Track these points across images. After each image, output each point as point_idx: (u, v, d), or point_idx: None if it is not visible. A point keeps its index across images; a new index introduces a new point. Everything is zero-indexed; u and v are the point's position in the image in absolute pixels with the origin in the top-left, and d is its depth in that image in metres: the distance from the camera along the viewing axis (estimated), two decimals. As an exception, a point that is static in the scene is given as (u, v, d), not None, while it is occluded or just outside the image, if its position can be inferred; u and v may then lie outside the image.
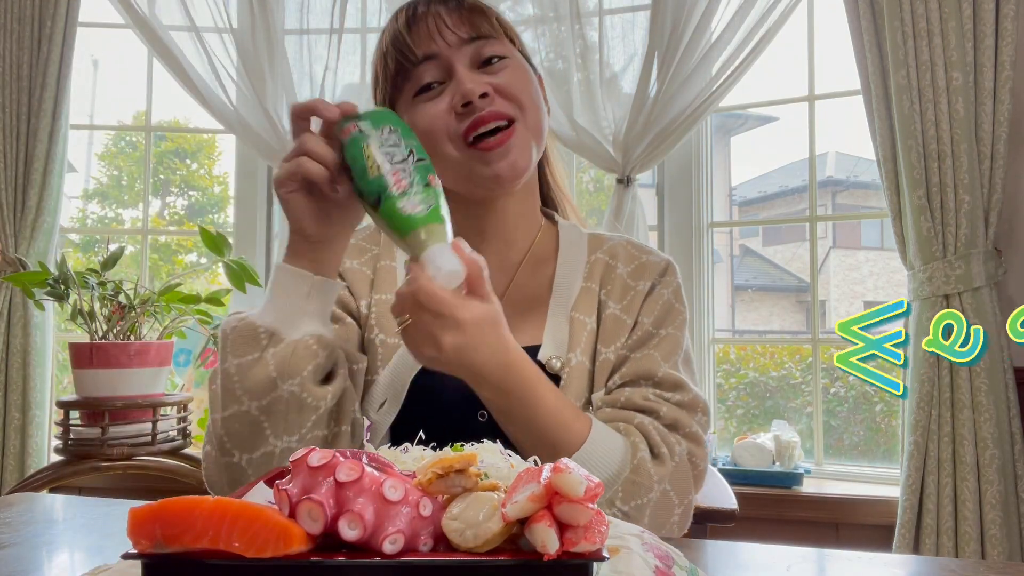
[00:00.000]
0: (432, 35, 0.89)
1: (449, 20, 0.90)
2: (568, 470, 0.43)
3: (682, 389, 0.91)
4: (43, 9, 2.39)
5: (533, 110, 0.91)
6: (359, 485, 0.44)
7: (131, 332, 1.87)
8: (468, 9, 0.91)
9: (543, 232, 1.02)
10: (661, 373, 0.91)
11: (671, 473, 0.86)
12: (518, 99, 0.90)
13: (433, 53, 0.90)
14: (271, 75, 2.43)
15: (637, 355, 0.93)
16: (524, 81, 0.92)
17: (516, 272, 0.99)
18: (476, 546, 0.43)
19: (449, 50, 0.89)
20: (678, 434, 0.89)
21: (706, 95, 2.19)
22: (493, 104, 0.88)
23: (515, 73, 0.91)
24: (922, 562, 0.81)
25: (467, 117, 0.88)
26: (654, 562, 0.52)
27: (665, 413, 0.89)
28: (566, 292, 0.97)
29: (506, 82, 0.90)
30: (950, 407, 1.88)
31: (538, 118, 0.93)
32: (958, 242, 1.89)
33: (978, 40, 1.89)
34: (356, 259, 1.01)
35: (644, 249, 1.01)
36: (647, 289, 0.97)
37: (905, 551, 1.87)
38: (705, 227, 2.42)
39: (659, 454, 0.86)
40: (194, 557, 0.43)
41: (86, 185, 5.30)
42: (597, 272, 0.98)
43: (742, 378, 2.78)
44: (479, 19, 0.91)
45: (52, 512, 0.93)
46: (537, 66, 1.00)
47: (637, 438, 0.86)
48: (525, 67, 0.94)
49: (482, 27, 0.91)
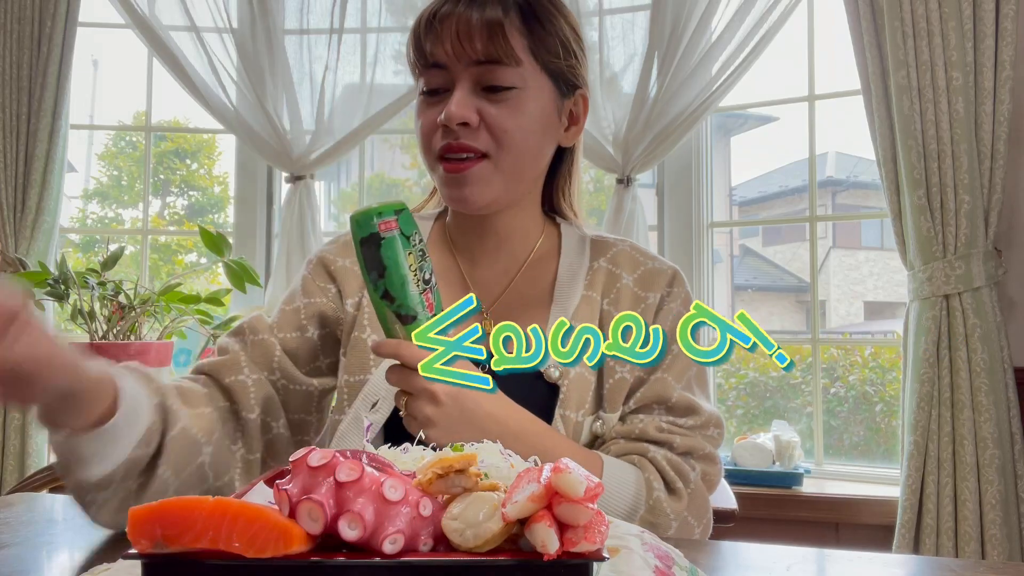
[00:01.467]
0: (444, 45, 0.87)
1: (466, 32, 0.87)
2: (568, 470, 0.43)
3: (695, 412, 0.92)
4: (43, 9, 2.39)
5: (515, 151, 0.89)
6: (359, 485, 0.44)
7: (131, 332, 1.87)
8: (488, 25, 0.87)
9: (545, 235, 1.01)
10: (675, 398, 0.92)
11: (688, 504, 0.89)
12: (500, 137, 0.88)
13: (441, 63, 0.89)
14: (271, 75, 2.43)
15: (652, 377, 0.93)
16: (519, 119, 0.88)
17: (516, 276, 0.99)
18: (476, 546, 0.43)
19: (456, 65, 0.88)
20: (692, 459, 0.91)
21: (706, 95, 2.19)
22: (471, 135, 0.88)
23: (513, 106, 0.88)
24: (922, 562, 0.81)
25: (445, 137, 0.89)
26: (654, 562, 0.52)
27: (679, 444, 0.90)
28: (566, 301, 0.96)
29: (497, 116, 0.88)
30: (950, 407, 1.88)
31: (518, 159, 0.90)
32: (958, 242, 1.89)
33: (978, 40, 1.89)
34: (348, 257, 1.00)
35: (648, 255, 1.00)
36: (657, 302, 0.95)
37: (905, 551, 1.87)
38: (705, 227, 2.42)
39: (675, 489, 0.88)
40: (194, 557, 0.43)
41: (86, 185, 5.30)
42: (599, 281, 0.97)
43: (742, 378, 2.78)
44: (495, 40, 0.87)
45: (52, 512, 0.93)
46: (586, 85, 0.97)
47: (651, 474, 0.88)
48: (534, 101, 0.90)
49: (495, 51, 0.87)
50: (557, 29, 0.92)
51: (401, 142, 4.21)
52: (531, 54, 0.89)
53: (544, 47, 0.90)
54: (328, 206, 4.95)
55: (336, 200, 5.17)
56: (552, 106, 0.93)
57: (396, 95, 2.43)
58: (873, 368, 2.60)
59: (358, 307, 0.97)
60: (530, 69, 0.89)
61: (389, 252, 0.75)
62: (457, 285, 0.98)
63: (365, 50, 2.53)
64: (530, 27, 0.89)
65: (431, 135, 0.90)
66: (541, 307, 0.96)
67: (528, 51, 0.89)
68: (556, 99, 0.93)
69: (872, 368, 2.61)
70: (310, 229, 2.42)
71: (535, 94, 0.90)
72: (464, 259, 1.00)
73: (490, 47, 0.87)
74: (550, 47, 0.91)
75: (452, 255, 1.01)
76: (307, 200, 2.44)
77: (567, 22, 0.94)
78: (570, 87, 0.95)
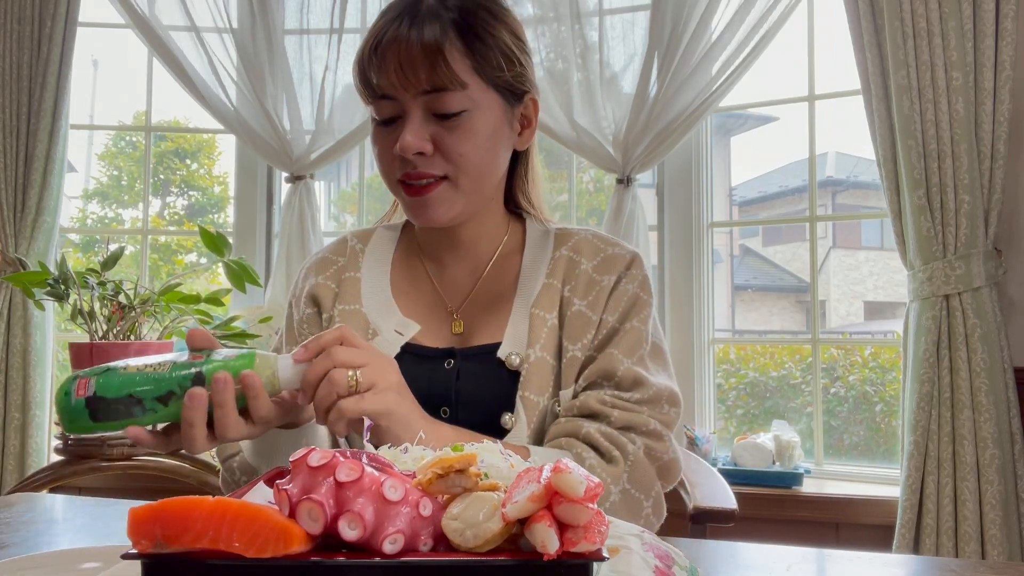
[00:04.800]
0: (390, 76, 0.88)
1: (408, 61, 0.87)
2: (568, 470, 0.43)
3: (642, 386, 0.91)
4: (43, 9, 2.39)
5: (472, 171, 0.91)
6: (359, 485, 0.44)
7: (131, 332, 1.87)
8: (428, 52, 0.86)
9: (509, 233, 1.03)
10: (621, 371, 0.91)
11: (627, 473, 0.87)
12: (457, 161, 0.89)
13: (389, 95, 0.89)
14: (271, 75, 2.43)
15: (600, 354, 0.93)
16: (473, 139, 0.90)
17: (482, 275, 1.01)
18: (476, 546, 0.43)
19: (404, 95, 0.88)
20: (633, 433, 0.89)
21: (706, 95, 2.19)
22: (427, 162, 0.89)
23: (466, 130, 0.89)
24: (922, 562, 0.81)
25: (403, 167, 0.90)
26: (654, 562, 0.52)
27: (617, 417, 0.89)
28: (528, 289, 0.98)
29: (451, 141, 0.89)
30: (950, 407, 1.88)
31: (477, 178, 0.92)
32: (958, 242, 1.89)
33: (978, 40, 1.89)
34: (322, 273, 1.03)
35: (610, 242, 1.01)
36: (612, 284, 0.96)
37: (905, 551, 1.87)
38: (705, 227, 2.42)
39: (611, 458, 0.87)
40: (194, 557, 0.43)
41: (86, 185, 5.30)
42: (560, 269, 0.99)
43: (742, 378, 2.78)
44: (438, 69, 0.86)
45: (52, 512, 0.93)
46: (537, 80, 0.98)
47: (581, 448, 0.87)
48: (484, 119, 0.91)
49: (439, 77, 0.87)
50: (498, 41, 0.91)
51: (401, 142, 4.21)
52: (476, 74, 0.89)
53: (487, 64, 0.90)
54: (328, 206, 4.96)
55: (336, 200, 5.17)
56: (503, 118, 0.94)
57: (396, 95, 2.43)
58: (873, 368, 2.60)
59: (331, 320, 1.00)
60: (477, 89, 0.90)
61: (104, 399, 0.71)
62: (427, 289, 1.01)
63: (365, 50, 2.52)
64: (471, 46, 0.89)
65: (390, 163, 0.92)
66: (506, 300, 0.98)
67: (472, 71, 0.89)
68: (506, 110, 0.94)
69: (872, 368, 2.61)
70: (310, 229, 2.43)
71: (485, 112, 0.91)
72: (432, 264, 1.03)
73: (434, 76, 0.87)
74: (493, 63, 0.91)
75: (421, 261, 1.04)
76: (307, 200, 2.44)
77: (508, 29, 0.93)
78: (518, 95, 0.95)
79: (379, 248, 1.05)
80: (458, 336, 0.98)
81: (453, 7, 0.90)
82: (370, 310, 0.99)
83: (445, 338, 0.98)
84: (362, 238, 1.06)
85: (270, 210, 2.64)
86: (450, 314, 0.99)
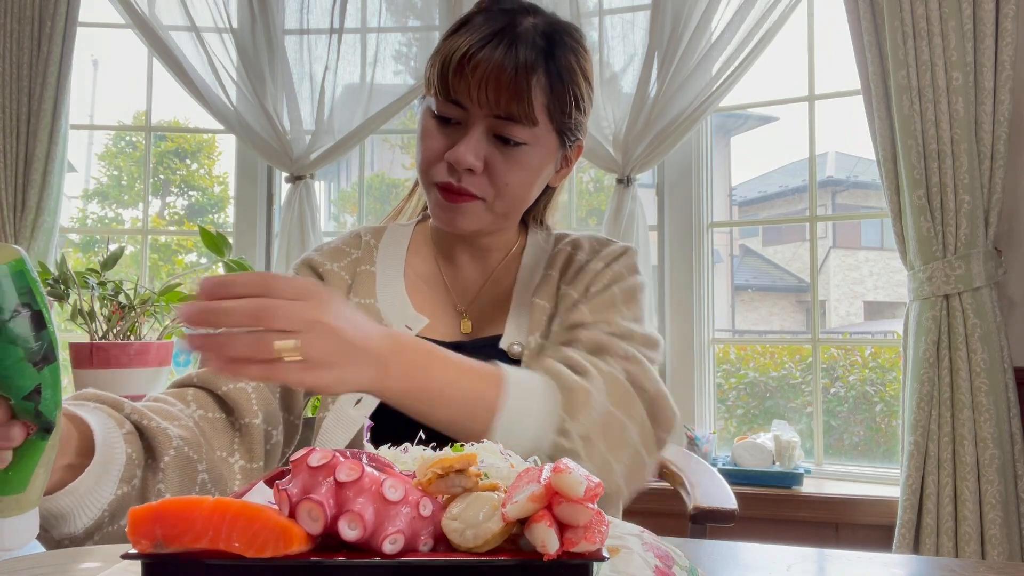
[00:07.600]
0: (471, 90, 0.88)
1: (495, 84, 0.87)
2: (568, 470, 0.43)
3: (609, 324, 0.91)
4: (43, 9, 2.39)
5: (510, 200, 0.92)
6: (359, 485, 0.44)
7: (131, 332, 1.87)
8: (517, 82, 0.87)
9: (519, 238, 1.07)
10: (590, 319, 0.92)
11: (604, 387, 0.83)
12: (501, 188, 0.91)
13: (462, 104, 0.89)
14: (271, 75, 2.43)
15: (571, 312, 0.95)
16: (522, 172, 0.91)
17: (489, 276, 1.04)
18: (476, 546, 0.43)
19: (476, 109, 0.89)
20: (605, 355, 0.87)
21: (706, 95, 2.19)
22: (473, 180, 0.90)
23: (520, 161, 0.91)
24: (922, 562, 0.81)
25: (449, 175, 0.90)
26: (654, 562, 0.52)
27: (586, 337, 0.89)
28: (529, 282, 1.01)
29: (503, 168, 0.90)
30: (950, 407, 1.88)
31: (511, 205, 0.94)
32: (958, 242, 1.89)
33: (978, 40, 1.89)
34: (337, 262, 1.03)
35: (606, 241, 1.05)
36: (599, 268, 0.99)
37: (905, 551, 1.87)
38: (705, 227, 2.42)
39: (583, 371, 0.84)
40: (194, 557, 0.43)
41: (86, 185, 5.30)
42: (559, 261, 1.02)
43: (742, 378, 2.78)
44: (520, 101, 0.87)
45: (52, 512, 0.93)
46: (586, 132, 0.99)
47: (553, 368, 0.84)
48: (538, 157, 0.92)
49: (516, 110, 0.88)
50: (575, 87, 0.92)
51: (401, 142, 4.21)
52: (547, 114, 0.91)
53: (560, 107, 0.91)
54: (328, 206, 4.96)
55: (336, 200, 5.18)
56: (552, 157, 0.95)
57: (396, 95, 2.44)
58: (873, 368, 2.60)
59: None
60: (543, 128, 0.91)
61: None
62: (439, 289, 1.03)
63: (365, 50, 2.53)
64: (553, 86, 0.90)
65: (433, 163, 0.92)
66: (508, 296, 1.01)
67: (545, 111, 0.90)
68: (557, 150, 0.95)
69: (872, 368, 2.61)
70: (310, 229, 2.43)
71: (540, 150, 0.92)
72: (446, 264, 1.05)
73: (512, 105, 0.87)
74: (565, 107, 0.92)
75: (435, 260, 1.05)
76: (307, 200, 2.44)
77: (584, 76, 0.94)
78: (573, 139, 0.97)
79: (393, 245, 1.06)
80: (466, 336, 1.00)
81: (543, 34, 0.90)
82: (384, 305, 0.99)
83: (453, 335, 0.99)
84: (375, 234, 1.07)
85: (270, 210, 2.64)
86: (460, 314, 1.02)
